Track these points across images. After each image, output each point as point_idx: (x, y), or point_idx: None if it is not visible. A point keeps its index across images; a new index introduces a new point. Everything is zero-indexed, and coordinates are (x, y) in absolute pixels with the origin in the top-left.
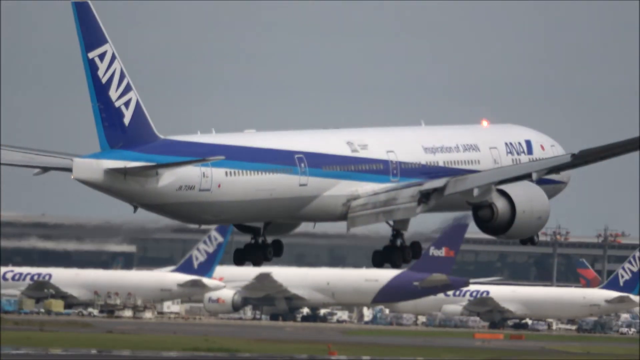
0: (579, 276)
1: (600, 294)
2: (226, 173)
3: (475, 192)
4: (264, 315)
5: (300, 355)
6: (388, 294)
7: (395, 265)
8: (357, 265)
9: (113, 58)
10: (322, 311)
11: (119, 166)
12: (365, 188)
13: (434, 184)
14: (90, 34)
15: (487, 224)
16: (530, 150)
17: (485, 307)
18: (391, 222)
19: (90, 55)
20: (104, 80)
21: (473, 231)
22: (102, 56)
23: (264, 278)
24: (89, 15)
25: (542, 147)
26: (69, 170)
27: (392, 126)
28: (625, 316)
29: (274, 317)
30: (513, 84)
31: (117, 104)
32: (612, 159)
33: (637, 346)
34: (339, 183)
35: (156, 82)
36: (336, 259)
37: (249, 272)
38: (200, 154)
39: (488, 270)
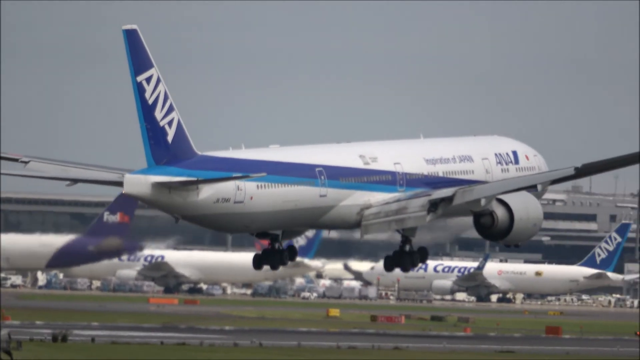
0: (254, 240)
1: None
2: (257, 186)
3: (483, 202)
4: None
5: None
6: (62, 259)
7: (405, 269)
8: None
9: (158, 81)
10: None
11: (164, 181)
12: (377, 198)
13: (442, 194)
14: (139, 59)
15: (488, 231)
16: (517, 160)
17: (160, 272)
18: (401, 230)
19: (139, 78)
20: (150, 102)
21: None
22: (148, 79)
23: None
24: (138, 41)
25: (527, 157)
26: (114, 183)
27: (395, 139)
28: (300, 281)
29: None
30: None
31: (161, 124)
32: None
33: (315, 310)
34: (353, 193)
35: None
36: (10, 225)
37: None
38: (236, 168)
39: (163, 235)
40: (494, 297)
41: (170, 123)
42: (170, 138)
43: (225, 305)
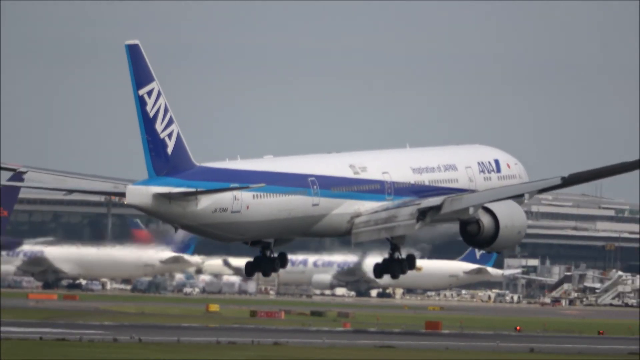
0: (134, 236)
1: (155, 255)
2: (253, 196)
3: (471, 210)
4: None
5: None
6: None
7: (394, 276)
8: None
9: (159, 94)
10: None
11: (164, 191)
12: (366, 206)
13: (431, 203)
14: (140, 73)
15: (474, 238)
16: (498, 169)
17: (39, 267)
18: (390, 238)
19: (140, 92)
20: (151, 115)
21: (26, 191)
22: (150, 93)
23: None
24: (140, 56)
25: (508, 165)
26: (110, 193)
27: (383, 149)
28: (180, 276)
29: None
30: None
31: (162, 136)
32: None
33: (195, 306)
34: (344, 202)
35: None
36: None
37: None
38: (233, 179)
39: (42, 230)
40: (373, 292)
41: (170, 135)
42: (170, 150)
43: (105, 301)
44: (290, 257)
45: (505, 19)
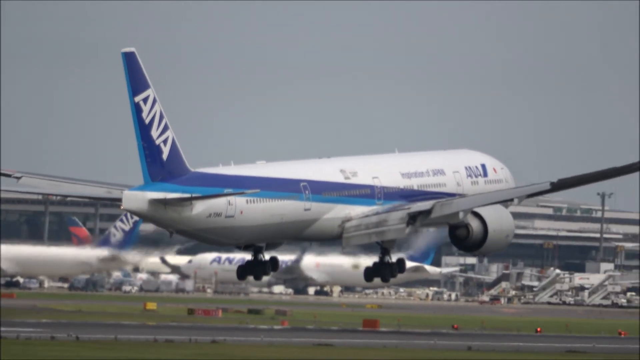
0: (72, 234)
1: (93, 253)
2: (247, 201)
3: (461, 215)
4: None
5: None
6: None
7: (385, 280)
8: None
9: (154, 101)
10: None
11: (160, 197)
12: (357, 211)
13: (421, 207)
14: (136, 80)
15: (463, 242)
16: (485, 173)
17: None
18: (380, 242)
19: (136, 99)
20: (147, 121)
21: None
22: (145, 100)
23: None
24: (136, 63)
25: (495, 170)
26: (103, 199)
27: (373, 154)
28: (117, 274)
29: None
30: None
31: (157, 142)
32: None
33: (132, 304)
34: (335, 207)
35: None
36: None
37: None
38: (227, 184)
39: None
40: (311, 290)
41: (165, 141)
42: (165, 156)
43: (42, 299)
44: (228, 255)
45: (505, 19)
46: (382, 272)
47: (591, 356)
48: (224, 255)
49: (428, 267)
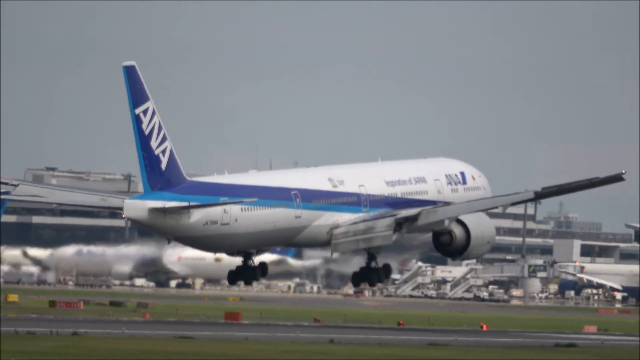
0: None
1: None
2: (242, 209)
3: (446, 222)
4: None
5: None
6: None
7: (372, 284)
8: None
9: (153, 113)
10: None
11: (159, 206)
12: (344, 218)
13: (407, 214)
14: (137, 93)
15: (447, 248)
16: (464, 181)
17: None
18: (367, 248)
19: (137, 111)
20: (146, 132)
21: None
22: (145, 112)
23: None
24: (136, 76)
25: (473, 177)
26: (98, 207)
27: (357, 162)
28: None
29: None
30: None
31: (156, 152)
32: None
33: None
34: (324, 214)
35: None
36: None
37: None
38: (223, 193)
39: None
40: (173, 283)
41: (164, 152)
42: (164, 165)
43: None
44: (89, 248)
45: (502, 20)
46: (369, 277)
47: (452, 349)
48: (85, 248)
49: (291, 260)
